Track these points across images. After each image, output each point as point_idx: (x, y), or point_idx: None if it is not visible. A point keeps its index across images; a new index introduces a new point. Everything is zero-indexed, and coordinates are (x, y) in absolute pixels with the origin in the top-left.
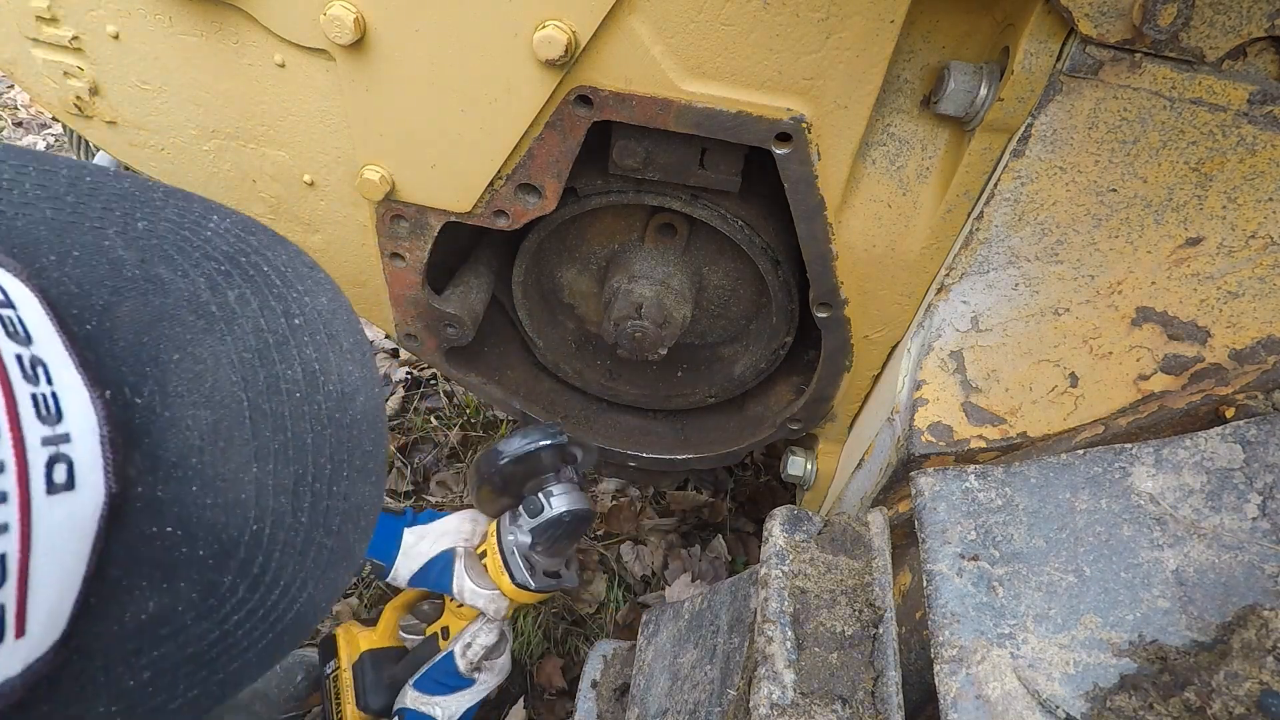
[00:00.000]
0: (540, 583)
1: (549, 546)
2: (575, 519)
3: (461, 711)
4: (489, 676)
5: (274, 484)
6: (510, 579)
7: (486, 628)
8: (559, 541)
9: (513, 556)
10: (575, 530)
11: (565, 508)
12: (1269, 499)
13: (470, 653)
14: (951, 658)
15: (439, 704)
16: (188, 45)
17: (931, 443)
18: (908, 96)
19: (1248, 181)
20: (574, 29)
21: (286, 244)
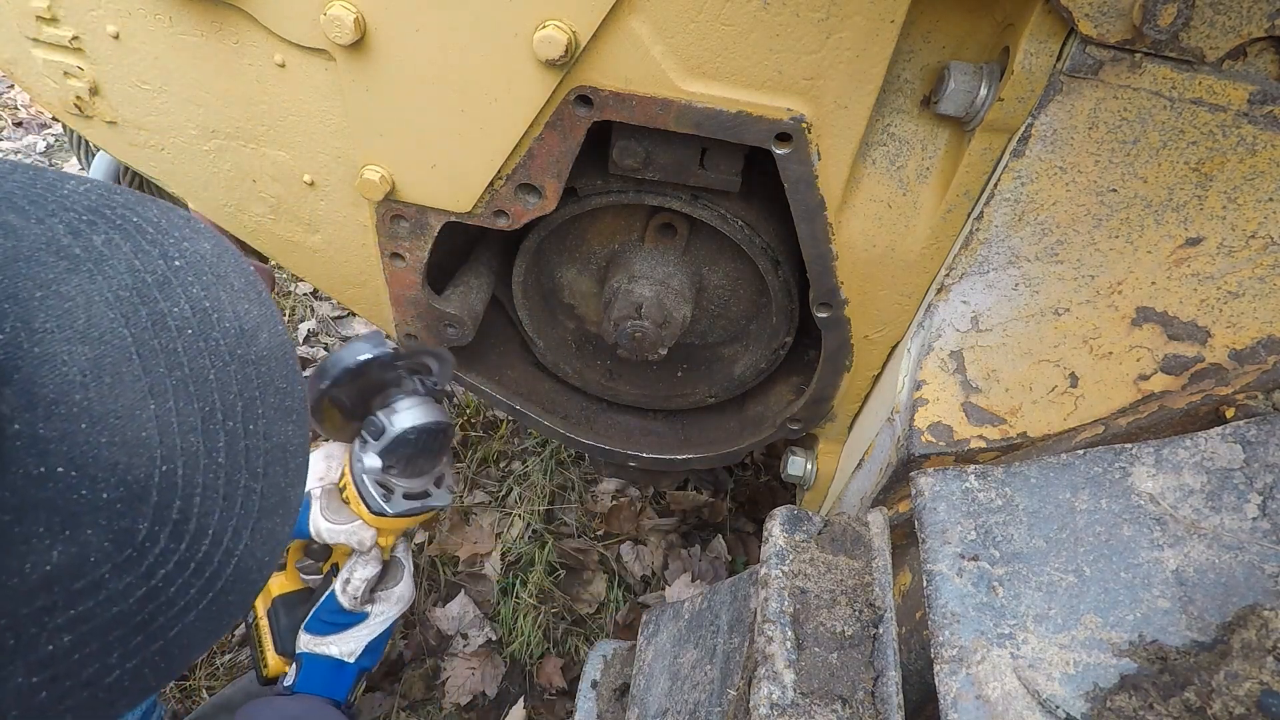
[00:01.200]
0: (399, 506)
1: (405, 467)
2: (423, 434)
3: (363, 646)
4: (385, 607)
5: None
6: (366, 508)
7: (362, 560)
8: (415, 460)
9: (363, 484)
10: (430, 446)
11: (409, 424)
12: (1269, 499)
13: (350, 588)
14: (951, 658)
15: (333, 642)
16: (188, 45)
17: (931, 443)
18: (908, 96)
19: (1248, 181)
20: (574, 29)
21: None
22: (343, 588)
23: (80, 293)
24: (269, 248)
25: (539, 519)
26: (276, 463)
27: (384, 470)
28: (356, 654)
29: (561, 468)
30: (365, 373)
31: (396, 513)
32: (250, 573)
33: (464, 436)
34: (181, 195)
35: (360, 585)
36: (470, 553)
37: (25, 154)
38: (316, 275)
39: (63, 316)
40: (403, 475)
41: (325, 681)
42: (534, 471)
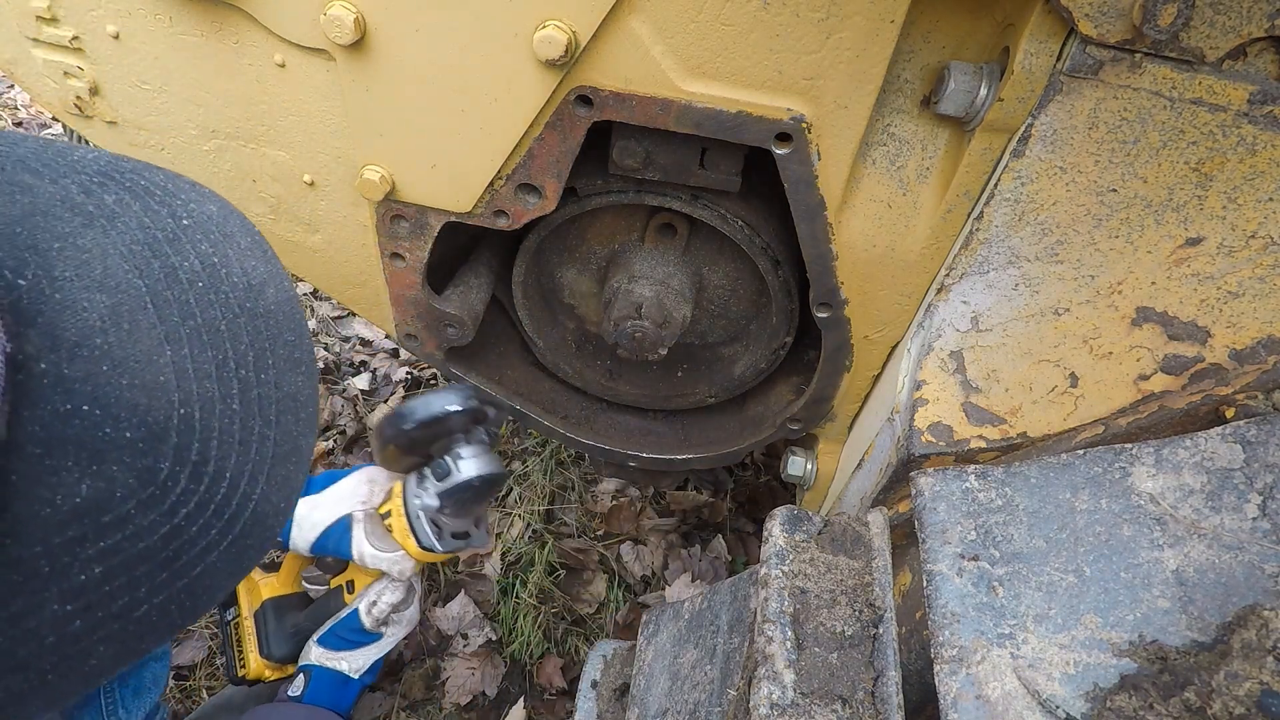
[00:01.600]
0: (448, 545)
1: (457, 509)
2: (485, 483)
3: (369, 664)
4: (396, 630)
5: (194, 368)
6: (416, 543)
7: (392, 586)
8: (468, 504)
9: (418, 520)
10: (485, 493)
11: (475, 472)
12: (1269, 499)
13: (376, 610)
14: (951, 658)
15: (345, 659)
16: (188, 45)
17: (931, 443)
18: (908, 96)
19: (1248, 181)
20: (574, 29)
21: (164, 169)
22: (368, 609)
23: (96, 245)
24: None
25: (539, 519)
26: (288, 411)
27: (439, 510)
28: (363, 671)
29: (561, 468)
30: (445, 421)
31: (444, 550)
32: (267, 517)
33: None
34: None
35: (386, 610)
36: (470, 553)
37: None
38: (316, 275)
39: (80, 266)
40: (453, 516)
41: (333, 695)
42: (534, 471)
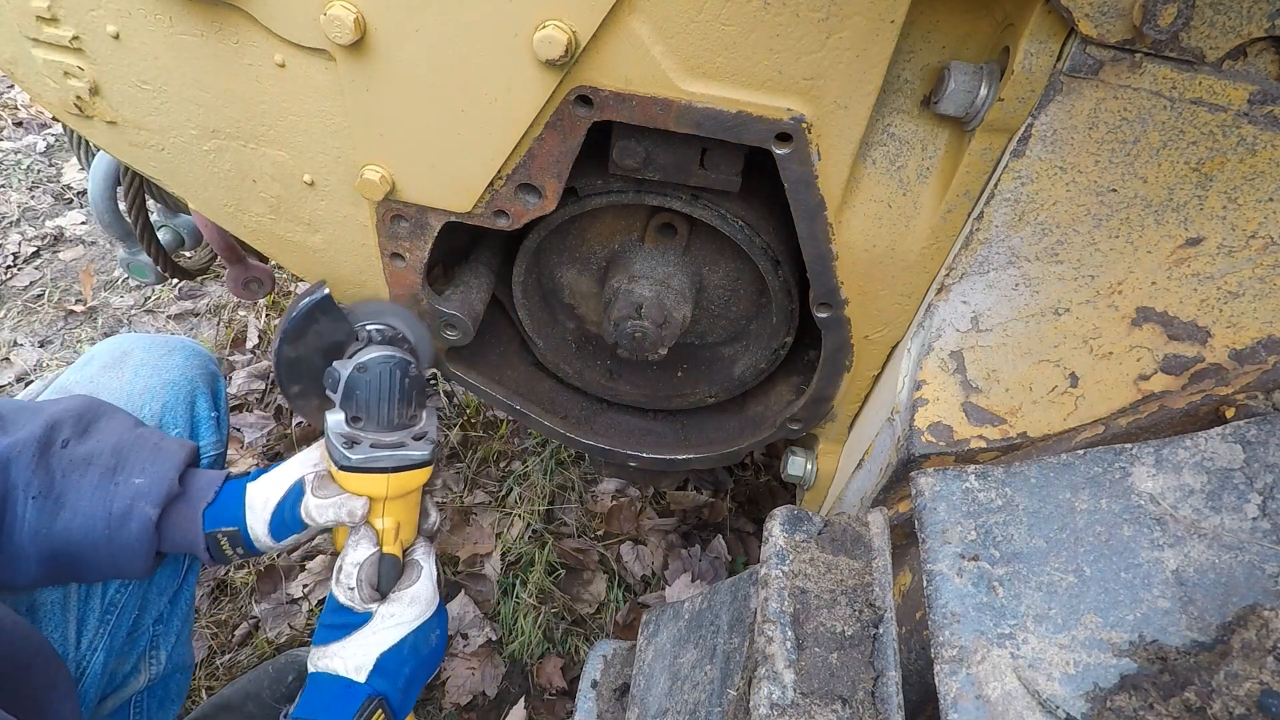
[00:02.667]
0: (362, 454)
1: (370, 414)
2: (379, 368)
3: (372, 660)
4: (397, 609)
5: None
6: (335, 466)
7: (353, 541)
8: (378, 405)
9: (330, 442)
10: (390, 383)
11: (359, 360)
12: (1269, 499)
13: (344, 576)
14: (951, 658)
15: (336, 654)
16: (188, 45)
17: (931, 443)
18: (908, 96)
19: (1248, 181)
20: (574, 29)
21: None
22: (336, 578)
23: None
24: (269, 248)
25: (539, 519)
26: None
27: (351, 424)
28: (366, 670)
29: (561, 468)
30: (315, 323)
31: (363, 464)
32: None
33: (464, 436)
34: (181, 195)
35: (353, 571)
36: (470, 553)
37: (25, 154)
38: (316, 275)
39: None
40: (374, 426)
41: (328, 704)
42: (534, 471)
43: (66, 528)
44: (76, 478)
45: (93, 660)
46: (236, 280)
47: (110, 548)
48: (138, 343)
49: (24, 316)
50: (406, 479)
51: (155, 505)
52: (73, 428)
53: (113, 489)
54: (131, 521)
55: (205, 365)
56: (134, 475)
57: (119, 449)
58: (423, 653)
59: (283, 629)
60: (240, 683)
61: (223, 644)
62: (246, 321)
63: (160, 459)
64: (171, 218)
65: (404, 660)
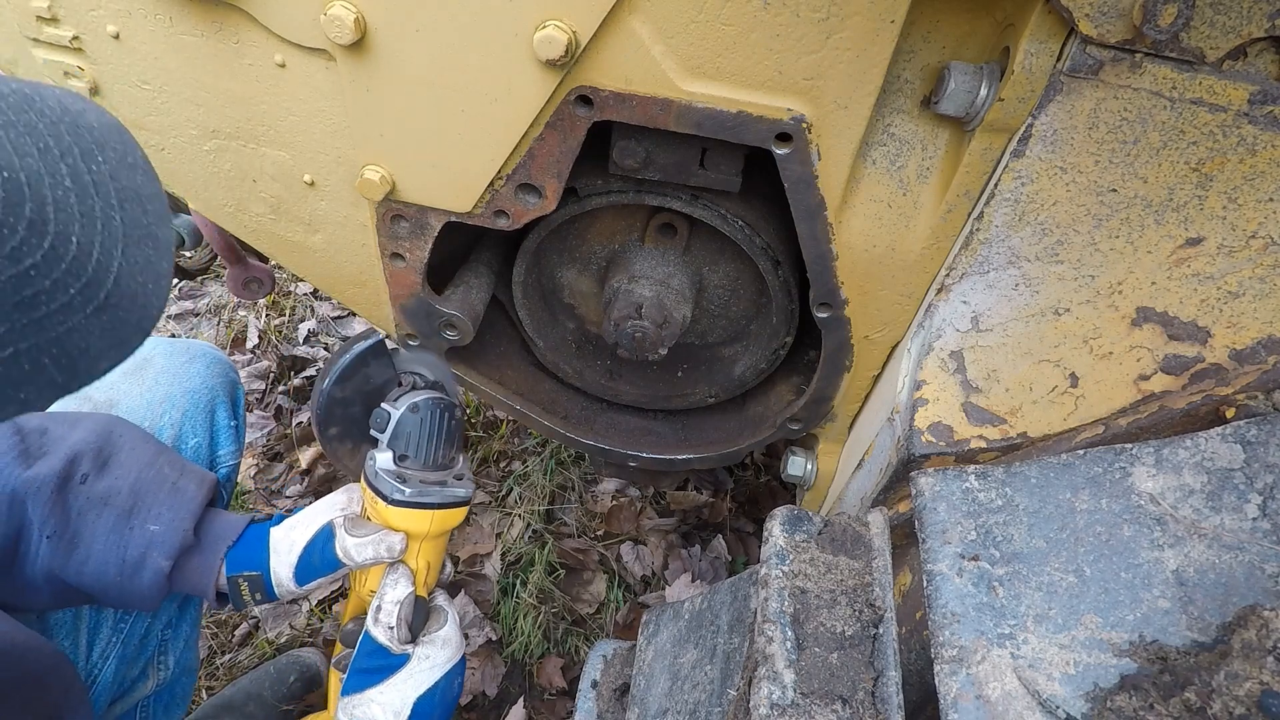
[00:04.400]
0: (417, 490)
1: (418, 454)
2: (429, 409)
3: (410, 704)
4: (431, 650)
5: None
6: (384, 501)
7: (392, 580)
8: (426, 445)
9: (379, 479)
10: (440, 427)
11: (411, 401)
12: (1269, 499)
13: (384, 615)
14: (951, 658)
15: (374, 699)
16: (188, 45)
17: (932, 443)
18: (908, 96)
19: (1248, 182)
20: (574, 29)
21: None
22: (374, 617)
23: None
24: (269, 248)
25: (539, 519)
26: (131, 200)
27: (398, 462)
28: (404, 715)
29: (561, 468)
30: (365, 366)
31: (414, 498)
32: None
33: (464, 437)
34: (182, 195)
35: (393, 609)
36: (470, 553)
37: None
38: (317, 275)
39: None
40: (418, 466)
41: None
42: (534, 471)
43: (79, 569)
44: (92, 518)
45: (104, 669)
46: (236, 280)
47: (120, 592)
48: (159, 348)
49: None
50: (448, 517)
51: (169, 557)
52: (92, 461)
53: (128, 534)
54: (144, 571)
55: (226, 373)
56: (150, 521)
57: (137, 489)
58: (449, 698)
59: (283, 629)
60: (241, 683)
61: (223, 644)
62: (246, 321)
63: (177, 503)
64: (171, 218)
65: (435, 706)
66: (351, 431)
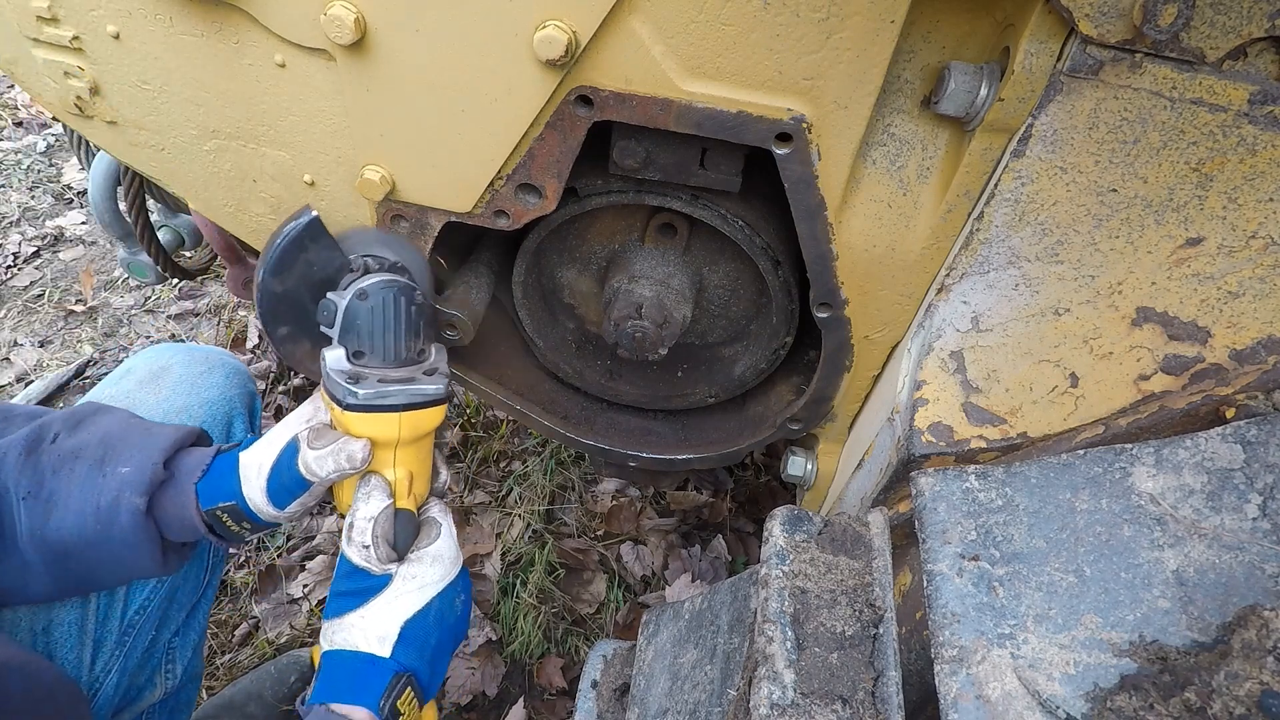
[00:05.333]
0: (370, 390)
1: (374, 348)
2: (380, 295)
3: (397, 629)
4: (419, 569)
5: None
6: (339, 406)
7: (364, 493)
8: (383, 337)
9: (331, 381)
10: (395, 312)
11: (358, 288)
12: (1269, 499)
13: (356, 534)
14: (952, 658)
15: (354, 624)
16: (188, 45)
17: (932, 443)
18: (908, 96)
19: (1248, 182)
20: (574, 29)
21: None
22: (348, 536)
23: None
24: None
25: (539, 519)
26: None
27: (353, 360)
28: (390, 641)
29: (561, 468)
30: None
31: (371, 401)
32: None
33: (464, 436)
34: (182, 195)
35: (367, 526)
36: (470, 553)
37: (25, 154)
38: None
39: None
40: (378, 363)
41: (348, 684)
42: (534, 471)
43: (59, 527)
44: (66, 474)
45: (106, 681)
46: (236, 280)
47: (108, 544)
48: (177, 357)
49: (24, 316)
50: (420, 419)
51: (141, 493)
52: (64, 423)
53: (100, 481)
54: (120, 514)
55: (244, 384)
56: (120, 464)
57: (107, 439)
58: (448, 621)
59: (283, 629)
60: (242, 683)
61: (223, 644)
62: (246, 321)
63: (148, 443)
64: (171, 218)
65: (429, 629)
66: (305, 330)
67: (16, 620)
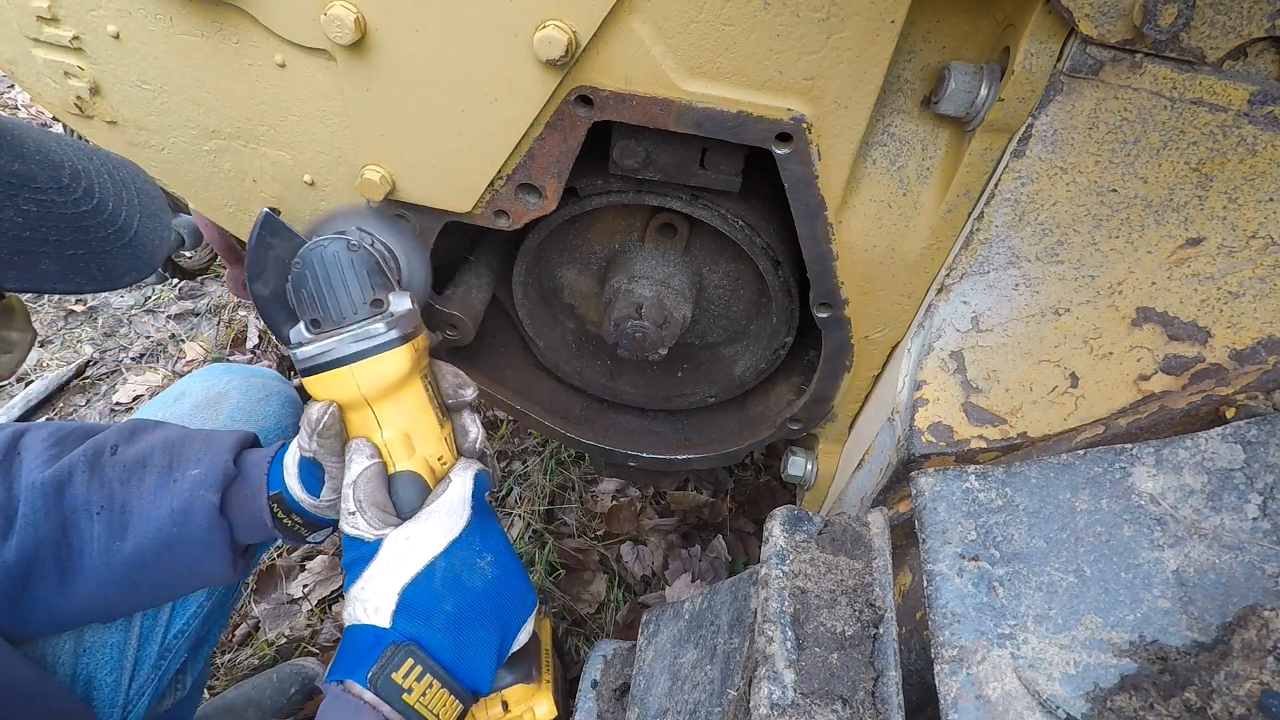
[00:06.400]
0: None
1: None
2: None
3: (394, 596)
4: (414, 527)
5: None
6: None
7: (347, 460)
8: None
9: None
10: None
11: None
12: (1269, 499)
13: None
14: (952, 658)
15: (355, 597)
16: (188, 45)
17: (932, 443)
18: (908, 97)
19: (1248, 182)
20: (574, 29)
21: None
22: (340, 506)
23: None
24: None
25: (539, 519)
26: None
27: (311, 329)
28: (386, 610)
29: (561, 468)
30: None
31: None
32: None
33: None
34: (182, 195)
35: (348, 492)
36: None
37: None
38: None
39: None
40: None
41: (349, 660)
42: (534, 471)
43: (136, 537)
44: (135, 483)
45: (139, 704)
46: (236, 280)
47: (184, 545)
48: (234, 384)
49: None
50: (376, 368)
51: (215, 490)
52: (119, 435)
53: (172, 485)
54: (195, 514)
55: (296, 414)
56: (190, 467)
57: (170, 445)
58: (469, 583)
59: (283, 629)
60: (243, 687)
61: (223, 644)
62: (246, 321)
63: (213, 445)
64: (168, 210)
65: (438, 594)
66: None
67: (60, 643)
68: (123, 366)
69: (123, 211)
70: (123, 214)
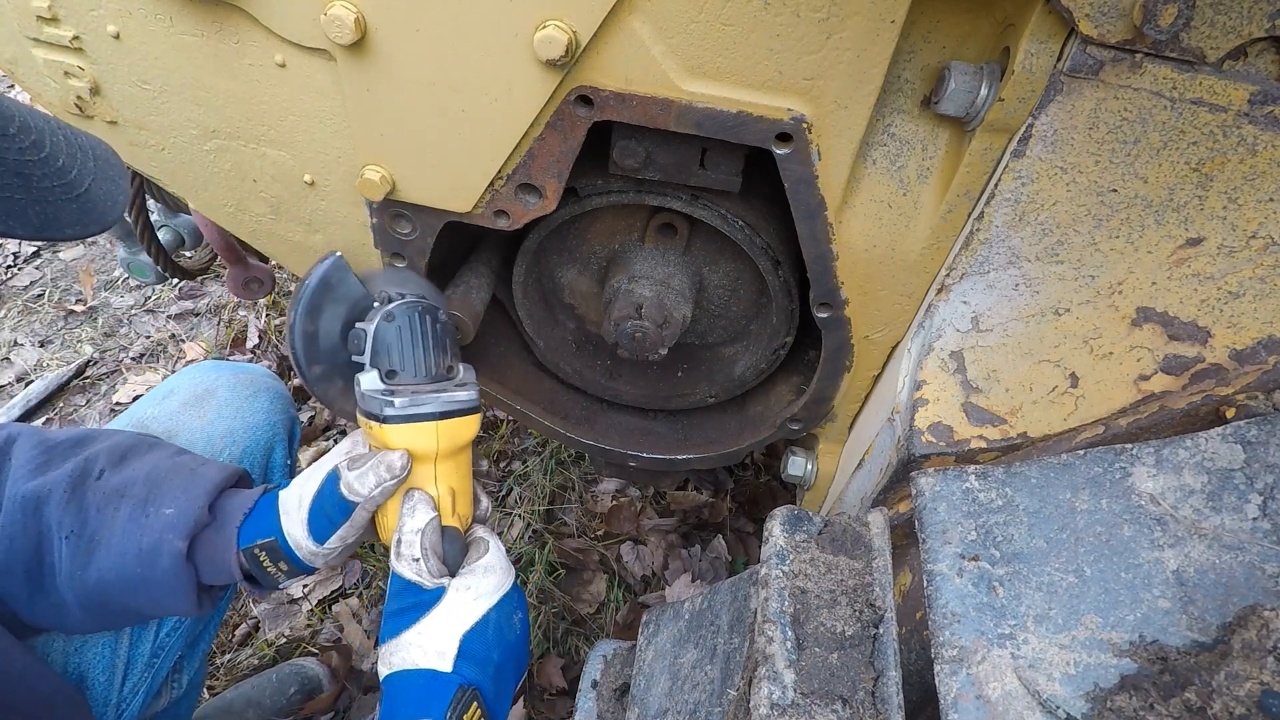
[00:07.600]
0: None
1: (404, 365)
2: (406, 315)
3: (457, 641)
4: (473, 580)
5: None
6: (378, 422)
7: (409, 507)
8: (413, 354)
9: (367, 401)
10: (422, 330)
11: (384, 311)
12: (1269, 499)
13: (405, 547)
14: (952, 658)
15: (413, 642)
16: (188, 45)
17: (932, 443)
18: (908, 96)
19: (1248, 182)
20: (574, 29)
21: None
22: (397, 552)
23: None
24: (269, 248)
25: (539, 519)
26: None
27: (386, 380)
28: (450, 655)
29: (561, 468)
30: (330, 291)
31: (407, 410)
32: (99, 202)
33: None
34: (182, 195)
35: (414, 539)
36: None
37: None
38: None
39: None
40: (409, 379)
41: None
42: (534, 471)
43: (99, 569)
44: (110, 512)
45: (133, 701)
46: (236, 280)
47: (148, 587)
48: (222, 380)
49: (24, 316)
50: (456, 428)
51: (183, 537)
52: (109, 457)
53: (144, 521)
54: (161, 557)
55: (286, 410)
56: (165, 505)
57: (153, 477)
58: (508, 637)
59: (283, 629)
60: (243, 688)
61: (222, 644)
62: (246, 321)
63: (192, 484)
64: (171, 218)
65: (490, 644)
66: (338, 368)
67: (51, 641)
68: (123, 366)
69: (74, 169)
70: (74, 170)
